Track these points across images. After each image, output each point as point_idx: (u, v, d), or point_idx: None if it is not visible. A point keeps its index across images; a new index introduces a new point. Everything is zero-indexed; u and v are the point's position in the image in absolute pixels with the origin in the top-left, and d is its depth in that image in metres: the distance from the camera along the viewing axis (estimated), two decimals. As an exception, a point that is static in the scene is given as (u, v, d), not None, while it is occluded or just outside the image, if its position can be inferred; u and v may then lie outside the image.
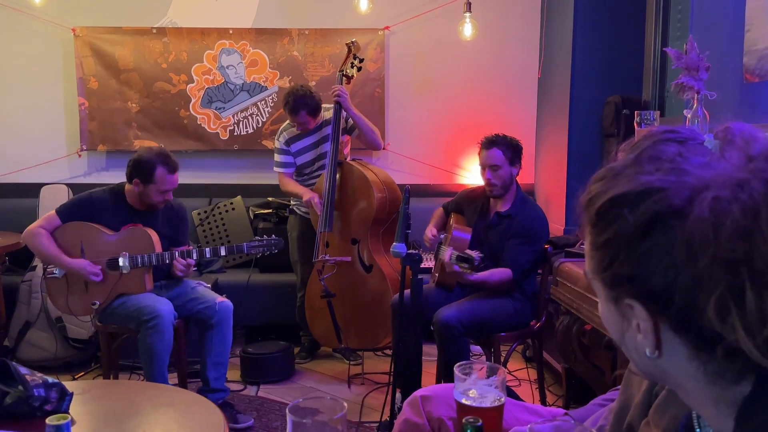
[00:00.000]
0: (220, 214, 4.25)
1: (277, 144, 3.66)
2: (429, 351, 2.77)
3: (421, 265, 2.43)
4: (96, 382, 2.94)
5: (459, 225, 3.00)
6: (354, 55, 3.54)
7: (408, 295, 2.48)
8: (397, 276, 3.26)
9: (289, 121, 3.63)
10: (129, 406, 1.95)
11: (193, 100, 4.34)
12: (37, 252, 2.91)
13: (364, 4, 4.09)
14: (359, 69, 3.58)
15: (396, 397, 2.55)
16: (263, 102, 4.38)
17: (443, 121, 4.45)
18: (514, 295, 2.86)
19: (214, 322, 2.86)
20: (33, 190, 4.16)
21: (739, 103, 2.45)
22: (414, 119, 4.47)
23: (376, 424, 2.82)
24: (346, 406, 1.04)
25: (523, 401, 1.60)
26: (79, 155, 4.36)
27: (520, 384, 3.32)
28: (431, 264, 3.47)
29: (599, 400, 1.38)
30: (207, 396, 2.71)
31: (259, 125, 4.39)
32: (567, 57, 3.79)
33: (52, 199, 3.98)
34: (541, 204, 4.28)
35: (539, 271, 3.01)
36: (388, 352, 3.70)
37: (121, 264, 2.83)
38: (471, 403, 1.29)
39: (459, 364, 1.33)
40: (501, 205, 2.96)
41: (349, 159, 3.61)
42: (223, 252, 2.94)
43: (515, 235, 2.84)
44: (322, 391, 3.35)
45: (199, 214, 4.22)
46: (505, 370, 1.36)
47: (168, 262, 2.87)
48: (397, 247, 2.40)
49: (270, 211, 4.16)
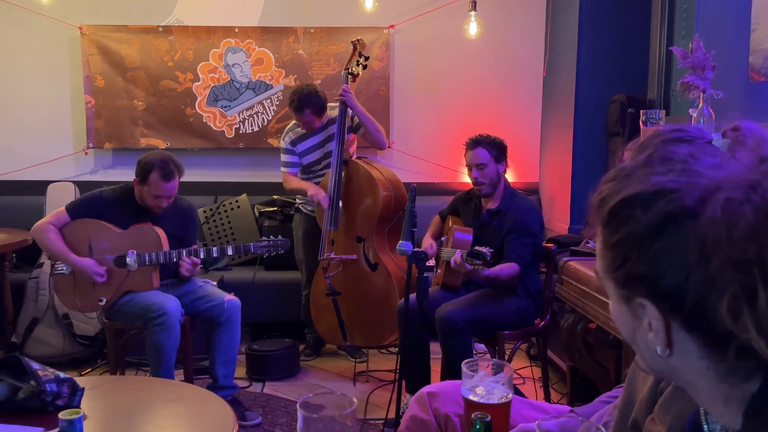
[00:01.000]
0: (226, 212, 4.27)
1: (282, 144, 3.66)
2: (436, 349, 2.79)
3: (427, 264, 2.45)
4: (105, 378, 2.97)
5: (459, 227, 3.03)
6: (360, 53, 3.55)
7: (414, 296, 2.50)
8: (402, 274, 3.27)
9: (294, 120, 3.63)
10: (139, 401, 1.97)
11: (198, 99, 4.36)
12: (45, 248, 2.93)
13: (369, 3, 4.10)
14: (365, 67, 3.58)
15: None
16: (269, 100, 4.39)
17: (448, 119, 4.46)
18: (517, 293, 2.88)
19: (223, 320, 2.88)
20: (40, 187, 4.19)
21: (744, 102, 2.46)
22: (419, 118, 4.48)
23: (381, 421, 2.84)
24: (355, 401, 1.05)
25: (528, 399, 1.61)
26: (86, 153, 4.38)
27: (525, 382, 3.33)
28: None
29: (604, 397, 1.40)
30: (216, 393, 2.73)
31: (265, 123, 4.40)
32: (572, 55, 3.80)
33: (59, 197, 4.00)
34: (545, 203, 4.29)
35: (543, 269, 3.03)
36: (393, 349, 3.72)
37: (128, 261, 2.85)
38: (478, 400, 1.30)
39: (466, 361, 1.34)
40: (491, 203, 3.01)
41: (354, 157, 3.62)
42: (230, 251, 2.95)
43: (510, 231, 2.87)
44: (328, 388, 3.37)
45: (204, 212, 4.24)
46: (511, 367, 1.37)
47: (175, 260, 2.89)
48: (403, 245, 2.42)
49: (275, 209, 4.18)
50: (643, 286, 0.65)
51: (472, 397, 1.31)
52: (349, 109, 3.47)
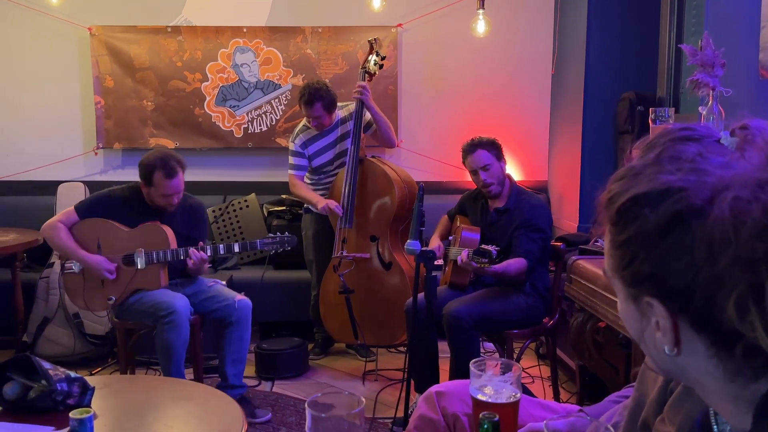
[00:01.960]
0: (235, 211, 4.28)
1: (291, 146, 3.64)
2: (444, 349, 2.79)
3: (435, 263, 2.45)
4: (115, 377, 2.99)
5: (466, 226, 3.03)
6: (376, 52, 3.55)
7: (422, 296, 2.50)
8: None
9: (304, 122, 3.62)
10: (149, 400, 1.98)
11: (207, 99, 4.37)
12: (55, 246, 2.95)
13: (377, 2, 4.09)
14: (381, 66, 3.59)
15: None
16: (277, 100, 4.40)
17: (456, 117, 4.45)
18: (526, 291, 2.88)
19: (234, 320, 2.89)
20: (50, 187, 4.22)
21: (754, 99, 2.44)
22: (427, 116, 4.48)
23: (390, 420, 2.84)
24: (363, 401, 1.05)
25: (537, 398, 1.61)
26: (96, 153, 4.41)
27: (534, 381, 3.33)
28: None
29: (614, 396, 1.39)
30: (225, 392, 2.74)
31: (273, 123, 4.41)
32: (581, 53, 3.78)
33: (69, 197, 4.03)
34: (554, 201, 4.28)
35: (552, 267, 3.02)
36: (402, 348, 3.72)
37: (136, 260, 2.87)
38: (487, 399, 1.30)
39: (474, 361, 1.34)
40: (498, 202, 3.01)
41: (368, 156, 3.61)
42: (236, 248, 2.96)
43: (519, 227, 2.87)
44: (337, 387, 3.37)
45: (213, 211, 4.25)
46: (520, 366, 1.36)
47: (183, 258, 2.90)
48: (411, 244, 2.42)
49: (284, 208, 4.19)
50: (651, 284, 0.65)
51: (480, 397, 1.31)
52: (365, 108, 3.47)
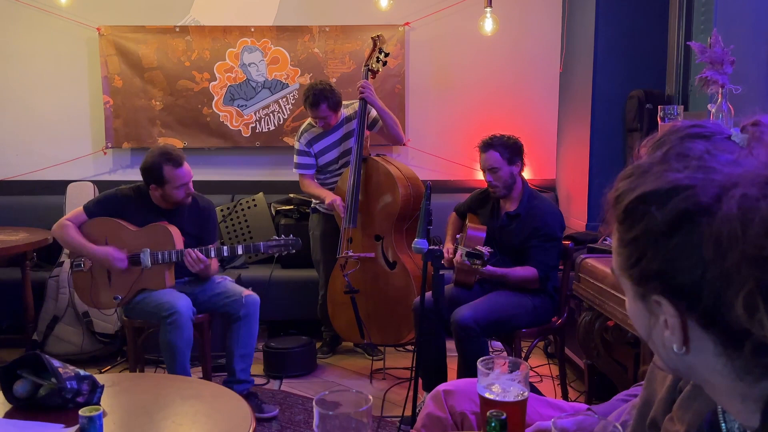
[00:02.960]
0: (243, 210, 4.29)
1: (297, 145, 3.63)
2: (452, 347, 2.79)
3: (442, 262, 2.44)
4: (124, 375, 3.00)
5: (473, 224, 3.01)
6: (380, 48, 3.52)
7: (429, 294, 2.50)
8: (420, 273, 3.27)
9: (309, 120, 3.62)
10: (157, 398, 1.99)
11: (215, 98, 4.39)
12: (65, 243, 2.98)
13: (384, 1, 4.09)
14: (384, 63, 3.56)
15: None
16: (284, 99, 4.41)
17: (464, 116, 4.45)
18: (533, 290, 2.86)
19: (241, 314, 2.89)
20: (59, 187, 4.24)
21: (764, 96, 2.42)
22: (434, 115, 4.47)
23: (398, 419, 2.84)
24: (371, 399, 1.05)
25: (545, 397, 1.60)
26: (105, 153, 4.43)
27: (542, 380, 3.32)
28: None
29: (622, 395, 1.39)
30: (233, 386, 2.75)
31: (281, 122, 4.42)
32: (589, 51, 3.77)
33: (78, 196, 4.05)
34: (562, 200, 4.27)
35: (560, 266, 3.01)
36: (410, 347, 3.72)
37: (141, 259, 2.88)
38: (494, 398, 1.30)
39: (482, 359, 1.34)
40: (509, 205, 2.96)
41: (373, 155, 3.60)
42: (240, 251, 2.96)
43: (532, 236, 2.83)
44: (345, 385, 3.38)
45: (221, 210, 4.26)
46: (527, 365, 1.36)
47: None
48: (418, 243, 2.41)
49: (291, 207, 4.20)
50: (659, 283, 0.65)
51: (487, 395, 1.30)
52: (368, 105, 3.46)
